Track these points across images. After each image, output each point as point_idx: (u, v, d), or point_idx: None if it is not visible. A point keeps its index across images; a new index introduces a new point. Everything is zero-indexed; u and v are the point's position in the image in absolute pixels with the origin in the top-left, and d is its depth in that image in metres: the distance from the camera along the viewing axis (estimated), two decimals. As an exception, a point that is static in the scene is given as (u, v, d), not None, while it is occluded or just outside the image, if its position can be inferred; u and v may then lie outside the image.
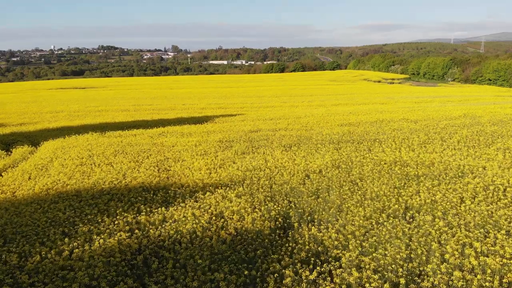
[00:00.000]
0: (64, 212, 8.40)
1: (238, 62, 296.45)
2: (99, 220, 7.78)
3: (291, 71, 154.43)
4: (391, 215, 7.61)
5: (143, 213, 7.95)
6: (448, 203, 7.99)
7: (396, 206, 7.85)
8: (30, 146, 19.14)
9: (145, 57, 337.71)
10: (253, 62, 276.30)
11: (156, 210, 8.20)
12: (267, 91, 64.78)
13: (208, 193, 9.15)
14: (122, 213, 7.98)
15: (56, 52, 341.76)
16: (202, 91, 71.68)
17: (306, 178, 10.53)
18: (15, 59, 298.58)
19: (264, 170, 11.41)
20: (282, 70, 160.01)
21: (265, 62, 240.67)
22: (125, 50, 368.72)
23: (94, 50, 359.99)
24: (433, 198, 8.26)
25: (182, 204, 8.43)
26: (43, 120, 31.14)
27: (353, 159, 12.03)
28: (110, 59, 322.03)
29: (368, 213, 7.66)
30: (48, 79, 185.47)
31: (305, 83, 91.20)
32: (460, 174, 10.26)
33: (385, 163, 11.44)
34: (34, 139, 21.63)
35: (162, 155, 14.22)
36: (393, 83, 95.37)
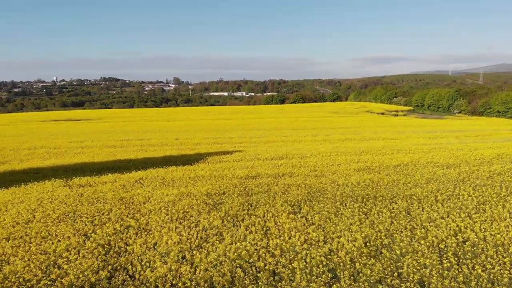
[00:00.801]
0: None
1: (239, 94, 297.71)
2: None
3: (291, 103, 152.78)
4: None
5: None
6: None
7: None
8: (-24, 197, 15.47)
9: (147, 88, 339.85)
10: (253, 94, 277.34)
11: None
12: (267, 124, 61.65)
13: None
14: None
15: (58, 84, 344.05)
16: (199, 123, 68.64)
17: (332, 280, 6.65)
18: (16, 90, 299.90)
19: (265, 257, 7.56)
20: (282, 102, 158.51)
21: (265, 94, 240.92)
22: (127, 81, 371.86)
23: (96, 82, 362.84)
24: None
25: None
26: (15, 158, 27.54)
27: (395, 237, 8.18)
28: (111, 91, 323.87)
29: None
30: (48, 110, 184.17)
31: (307, 115, 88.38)
32: None
33: (445, 246, 7.59)
34: (-13, 186, 17.95)
35: (124, 220, 10.39)
36: (397, 115, 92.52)
